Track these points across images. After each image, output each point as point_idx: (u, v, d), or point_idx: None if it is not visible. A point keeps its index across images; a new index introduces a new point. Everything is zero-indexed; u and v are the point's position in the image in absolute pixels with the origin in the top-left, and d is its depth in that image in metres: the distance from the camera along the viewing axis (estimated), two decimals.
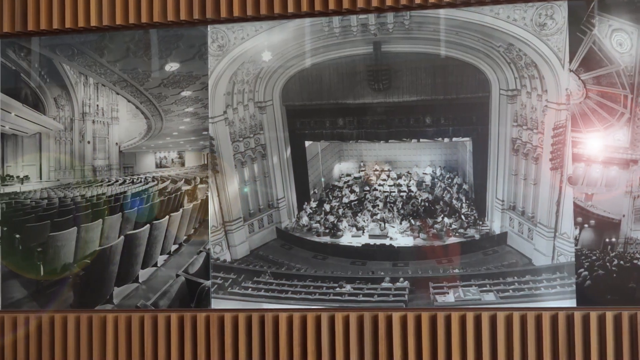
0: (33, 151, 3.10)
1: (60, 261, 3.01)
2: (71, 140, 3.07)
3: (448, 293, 2.73)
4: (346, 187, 2.88)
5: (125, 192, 3.01)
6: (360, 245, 2.81)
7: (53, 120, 3.09)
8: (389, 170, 2.85)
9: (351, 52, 2.80)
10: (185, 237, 2.97)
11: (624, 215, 2.62)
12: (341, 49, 2.81)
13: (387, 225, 2.81)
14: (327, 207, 2.88)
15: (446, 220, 2.76)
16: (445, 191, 2.79)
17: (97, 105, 3.06)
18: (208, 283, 2.90)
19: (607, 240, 2.64)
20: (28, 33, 3.09)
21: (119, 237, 2.99)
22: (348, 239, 2.84)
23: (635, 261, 2.62)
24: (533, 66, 2.69)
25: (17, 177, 3.11)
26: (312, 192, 2.91)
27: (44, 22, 3.05)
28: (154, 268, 2.99)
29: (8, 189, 3.09)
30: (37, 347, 3.01)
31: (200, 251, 2.93)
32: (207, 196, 2.92)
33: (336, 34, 2.81)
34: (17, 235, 3.07)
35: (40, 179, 3.09)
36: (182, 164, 2.99)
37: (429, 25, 2.75)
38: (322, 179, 2.91)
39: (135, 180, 3.02)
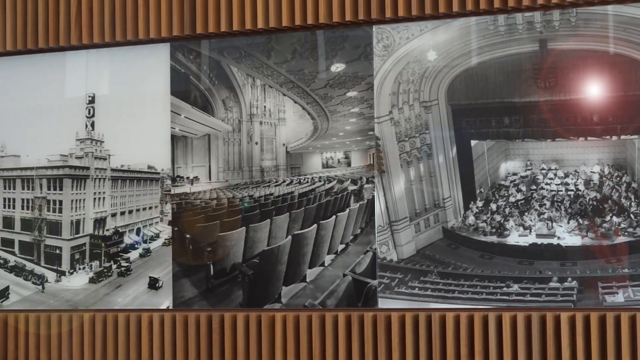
0: (202, 152, 4.57)
1: (230, 261, 4.45)
2: (239, 141, 4.50)
3: (617, 293, 3.89)
4: (513, 186, 4.13)
5: (292, 192, 4.41)
6: (527, 244, 4.00)
7: (221, 121, 4.55)
8: (555, 169, 4.07)
9: (517, 50, 4.03)
10: (351, 237, 4.33)
11: None
12: (507, 47, 4.04)
13: (554, 224, 4.03)
14: (493, 206, 4.13)
15: (615, 219, 3.93)
16: (614, 190, 3.96)
17: (264, 107, 4.47)
18: (375, 282, 4.23)
19: None
20: (196, 36, 4.55)
21: (286, 236, 4.39)
22: (515, 238, 4.06)
23: None
24: None
25: (187, 177, 4.58)
26: (478, 191, 4.15)
27: (212, 25, 4.47)
28: (321, 267, 4.36)
29: (178, 190, 4.58)
30: (208, 345, 4.44)
31: (367, 251, 4.23)
32: (373, 196, 4.25)
33: (501, 32, 4.05)
34: (188, 235, 4.55)
35: (210, 179, 4.54)
36: (349, 164, 4.35)
37: (596, 22, 3.92)
38: (488, 178, 4.17)
39: (302, 180, 4.43)
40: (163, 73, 4.57)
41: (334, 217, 4.31)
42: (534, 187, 4.06)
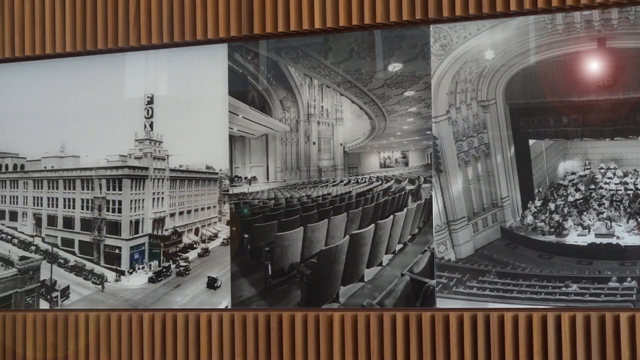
0: (260, 152, 4.84)
1: (287, 260, 4.73)
2: (297, 141, 4.77)
3: None
4: (571, 186, 4.34)
5: (350, 192, 4.67)
6: (586, 244, 4.21)
7: (279, 122, 4.82)
8: (614, 168, 4.28)
9: (575, 49, 4.25)
10: (409, 237, 4.57)
11: None
12: (564, 46, 4.25)
13: (613, 224, 4.23)
14: (552, 205, 4.34)
15: None
16: None
17: (322, 107, 4.73)
18: (433, 282, 4.47)
19: None
20: (254, 37, 4.83)
21: (344, 236, 4.65)
22: (574, 238, 4.27)
23: None
24: None
25: (245, 178, 4.86)
26: (536, 190, 4.36)
27: (269, 25, 4.73)
28: (379, 267, 4.60)
29: (236, 190, 4.86)
30: (266, 345, 4.71)
31: (425, 250, 4.45)
32: (431, 195, 4.50)
33: (559, 31, 4.27)
34: (246, 235, 4.83)
35: (267, 179, 4.82)
36: (406, 164, 4.60)
37: None
38: (547, 178, 4.39)
39: (359, 180, 4.68)
40: (221, 73, 4.85)
41: (391, 216, 4.55)
42: (592, 186, 4.27)
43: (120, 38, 4.99)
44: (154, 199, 4.97)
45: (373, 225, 4.57)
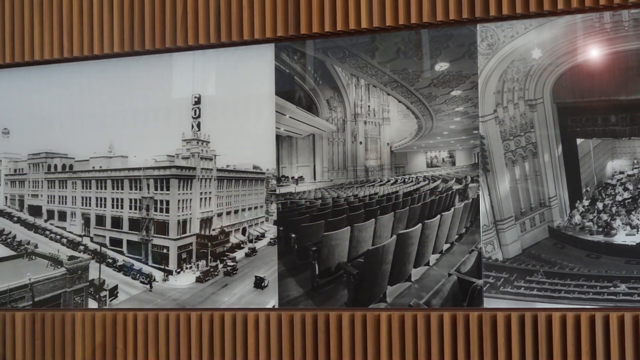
0: (307, 152, 4.98)
1: (335, 260, 4.86)
2: (343, 141, 4.91)
3: None
4: (619, 185, 4.44)
5: (397, 191, 4.80)
6: (634, 243, 4.30)
7: (326, 121, 4.96)
8: None
9: (623, 48, 4.32)
10: (456, 236, 4.69)
11: None
12: (612, 44, 4.34)
13: None
14: (600, 205, 4.44)
15: None
16: None
17: (369, 106, 4.87)
18: (480, 282, 4.58)
19: None
20: (301, 37, 4.97)
21: (391, 236, 4.77)
22: (622, 237, 4.35)
23: None
24: None
25: (292, 177, 5.01)
26: (584, 190, 4.46)
27: (316, 25, 4.86)
28: (426, 267, 4.72)
29: (283, 190, 5.00)
30: (313, 345, 4.83)
31: (472, 250, 4.56)
32: (478, 195, 4.62)
33: (607, 30, 4.38)
34: (293, 235, 4.97)
35: (314, 179, 4.96)
36: (453, 163, 4.72)
37: None
38: (595, 177, 4.48)
39: (406, 179, 4.81)
40: (268, 73, 5.00)
41: (438, 216, 4.67)
42: None
43: (168, 39, 5.15)
44: (201, 198, 5.13)
45: (420, 224, 4.70)
